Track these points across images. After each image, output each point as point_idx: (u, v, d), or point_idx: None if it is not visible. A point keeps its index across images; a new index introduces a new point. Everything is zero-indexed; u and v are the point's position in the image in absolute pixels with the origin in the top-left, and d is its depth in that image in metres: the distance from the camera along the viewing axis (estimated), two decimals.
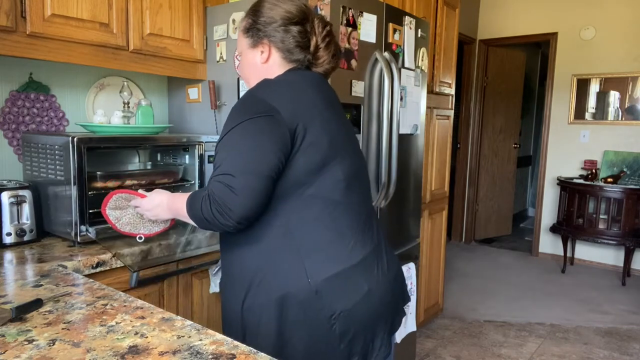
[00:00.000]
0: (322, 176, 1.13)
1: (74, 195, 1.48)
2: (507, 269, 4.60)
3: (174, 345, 0.85)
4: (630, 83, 4.49)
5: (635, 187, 4.14)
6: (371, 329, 1.16)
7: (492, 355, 2.86)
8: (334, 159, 1.15)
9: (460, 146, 5.43)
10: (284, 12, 1.21)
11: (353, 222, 1.17)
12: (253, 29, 1.23)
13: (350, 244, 1.14)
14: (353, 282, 1.12)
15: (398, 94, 2.12)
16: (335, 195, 1.14)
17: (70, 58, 1.59)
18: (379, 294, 1.17)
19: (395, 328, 1.28)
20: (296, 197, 1.11)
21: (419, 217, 2.61)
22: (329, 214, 1.13)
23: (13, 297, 1.07)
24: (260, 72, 1.23)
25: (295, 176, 1.10)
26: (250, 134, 1.08)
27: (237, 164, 1.06)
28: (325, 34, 1.24)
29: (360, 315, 1.12)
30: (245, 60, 1.27)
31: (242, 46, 1.27)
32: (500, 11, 5.14)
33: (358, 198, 1.21)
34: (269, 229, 1.11)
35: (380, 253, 1.23)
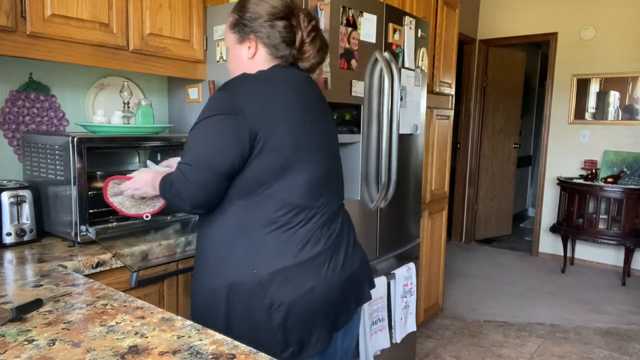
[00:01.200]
0: (282, 178, 1.17)
1: (74, 195, 1.49)
2: (507, 269, 4.60)
3: (174, 345, 0.85)
4: (630, 83, 4.49)
5: (635, 187, 4.14)
6: (309, 323, 1.21)
7: (492, 355, 2.86)
8: (298, 163, 1.19)
9: (460, 146, 5.43)
10: (270, 8, 1.23)
11: (309, 223, 1.21)
12: (239, 24, 1.26)
13: (301, 243, 1.19)
14: (297, 279, 1.18)
15: (398, 94, 2.12)
16: (292, 198, 1.19)
17: (70, 58, 1.59)
18: (323, 292, 1.21)
19: (339, 325, 1.31)
20: (254, 195, 1.17)
21: (419, 217, 2.61)
22: (284, 214, 1.18)
23: (13, 297, 1.07)
24: (246, 68, 1.26)
25: (254, 176, 1.16)
26: (212, 130, 1.15)
27: (196, 156, 1.16)
28: (311, 28, 1.25)
29: (299, 310, 1.18)
30: (232, 55, 1.31)
31: (229, 42, 1.30)
32: (500, 11, 5.14)
33: (321, 201, 1.24)
34: (227, 220, 1.19)
35: (336, 253, 1.26)
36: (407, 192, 2.43)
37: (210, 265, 1.23)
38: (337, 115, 1.90)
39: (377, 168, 2.14)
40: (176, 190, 1.17)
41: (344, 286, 1.27)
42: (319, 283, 1.20)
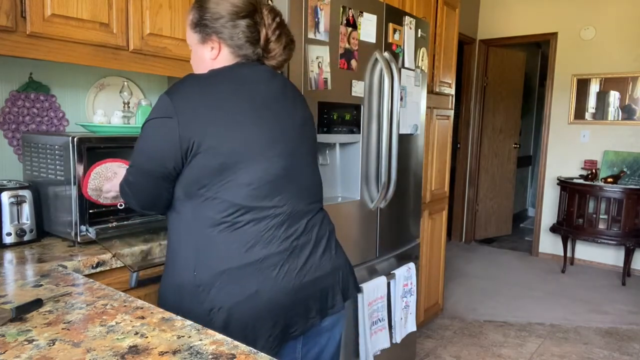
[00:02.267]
0: (223, 179, 1.12)
1: (74, 195, 1.48)
2: (507, 269, 4.60)
3: (174, 345, 0.85)
4: (630, 83, 4.49)
5: (635, 187, 4.14)
6: (253, 329, 1.13)
7: (492, 355, 2.86)
8: (240, 163, 1.13)
9: (460, 146, 5.43)
10: (230, 7, 1.18)
11: (259, 224, 1.15)
12: (200, 25, 1.21)
13: (247, 245, 1.13)
14: (240, 282, 1.13)
15: (398, 94, 2.12)
16: (237, 199, 1.13)
17: (70, 58, 1.59)
18: (271, 296, 1.14)
19: (291, 334, 1.21)
20: (197, 197, 1.14)
21: (419, 217, 2.61)
22: (228, 214, 1.13)
23: (13, 297, 1.07)
24: (209, 67, 1.23)
25: (193, 178, 1.13)
26: (147, 134, 1.17)
27: (135, 160, 1.19)
28: (276, 25, 1.21)
29: (240, 314, 1.12)
30: (195, 55, 1.27)
31: (191, 40, 1.26)
32: (500, 11, 5.14)
33: (276, 201, 1.17)
34: (177, 221, 1.20)
35: (293, 256, 1.19)
36: (407, 192, 2.43)
37: (166, 265, 1.25)
38: (337, 115, 1.90)
39: (377, 168, 2.14)
40: (124, 193, 1.23)
41: (301, 292, 1.19)
42: (265, 287, 1.13)
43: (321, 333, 1.31)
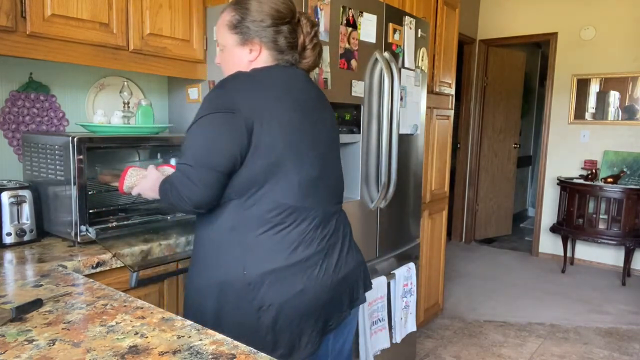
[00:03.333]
0: (275, 177, 1.17)
1: (74, 195, 1.48)
2: (507, 269, 4.60)
3: (174, 345, 0.85)
4: (630, 83, 4.49)
5: (635, 187, 4.14)
6: (299, 325, 1.20)
7: (492, 355, 2.86)
8: (291, 162, 1.18)
9: (460, 146, 5.43)
10: (274, 12, 1.21)
11: (302, 225, 1.20)
12: (242, 27, 1.22)
13: (292, 245, 1.19)
14: (287, 280, 1.18)
15: (398, 94, 2.12)
16: (285, 198, 1.18)
17: (70, 58, 1.59)
18: (314, 294, 1.21)
19: (330, 327, 1.29)
20: (248, 195, 1.16)
21: (419, 217, 2.61)
22: (276, 214, 1.18)
23: (13, 297, 1.07)
24: (245, 68, 1.24)
25: (249, 175, 1.15)
26: (211, 129, 1.14)
27: (196, 156, 1.15)
28: (313, 34, 1.26)
29: (288, 311, 1.17)
30: (230, 55, 1.27)
31: (227, 41, 1.26)
32: (500, 11, 5.14)
33: (314, 202, 1.23)
34: (222, 220, 1.19)
35: (329, 255, 1.25)
36: (407, 192, 2.44)
37: (203, 264, 1.24)
38: (337, 115, 1.90)
39: (377, 168, 2.14)
40: (177, 192, 1.16)
41: (336, 288, 1.26)
42: (309, 285, 1.20)
43: (346, 325, 1.40)
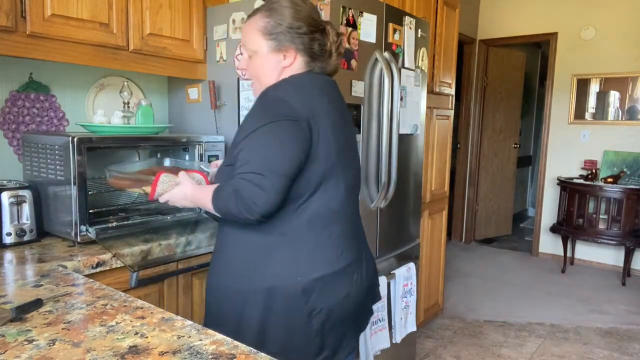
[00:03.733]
0: (327, 183, 1.20)
1: (74, 195, 1.49)
2: (507, 269, 4.60)
3: (174, 345, 0.85)
4: (630, 83, 4.49)
5: (635, 187, 4.14)
6: (342, 328, 1.26)
7: (492, 355, 2.86)
8: (339, 168, 1.22)
9: (460, 146, 5.43)
10: (311, 19, 1.23)
11: (345, 231, 1.26)
12: (278, 33, 1.21)
13: (339, 251, 1.23)
14: (335, 285, 1.22)
15: (398, 94, 2.12)
16: (333, 204, 1.22)
17: (70, 58, 1.59)
18: (355, 298, 1.27)
19: (363, 328, 1.41)
20: (301, 201, 1.18)
21: (419, 217, 2.61)
22: (326, 220, 1.21)
23: (13, 297, 1.07)
24: (278, 74, 1.24)
25: (305, 180, 1.17)
26: (278, 136, 1.13)
27: (268, 164, 1.12)
28: (339, 43, 1.29)
29: (335, 315, 1.22)
30: (263, 61, 1.24)
31: (260, 47, 1.23)
32: (500, 11, 5.14)
33: (352, 209, 1.30)
34: (271, 225, 1.18)
35: (361, 261, 1.31)
36: (407, 192, 2.43)
37: (246, 270, 1.21)
38: None
39: (377, 168, 2.14)
40: (244, 201, 1.10)
41: (367, 292, 1.34)
42: (352, 290, 1.25)
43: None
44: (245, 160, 1.13)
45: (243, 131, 1.17)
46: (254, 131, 1.13)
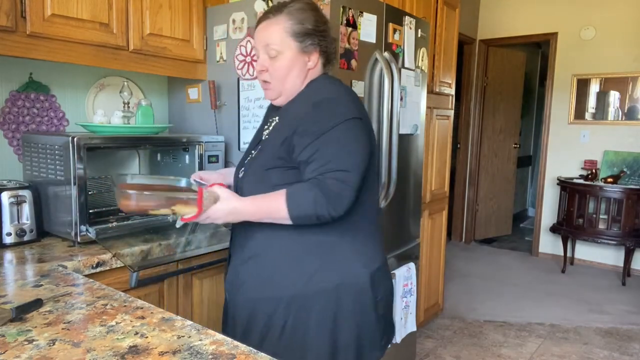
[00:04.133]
0: (369, 180, 1.26)
1: (74, 195, 1.49)
2: (507, 269, 4.60)
3: (174, 345, 0.85)
4: (630, 83, 4.49)
5: (635, 187, 4.14)
6: (391, 312, 1.38)
7: (492, 355, 2.86)
8: (374, 166, 1.30)
9: (460, 146, 5.43)
10: (328, 22, 1.28)
11: (379, 225, 1.35)
12: (305, 34, 1.22)
13: (381, 243, 1.34)
14: (387, 274, 1.34)
15: (398, 94, 2.12)
16: (376, 197, 1.33)
17: (70, 58, 1.60)
18: (392, 286, 1.39)
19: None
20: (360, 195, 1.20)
21: (419, 217, 2.61)
22: (374, 212, 1.30)
23: (13, 297, 1.07)
24: (304, 76, 1.26)
25: (365, 176, 1.21)
26: (353, 133, 1.17)
27: (349, 160, 1.15)
28: (335, 43, 1.34)
29: (389, 301, 1.34)
30: (290, 63, 1.23)
31: (287, 48, 1.22)
32: (500, 11, 5.14)
33: (377, 203, 1.44)
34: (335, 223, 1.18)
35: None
36: (407, 192, 2.43)
37: (312, 269, 1.19)
38: None
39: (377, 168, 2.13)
40: (333, 201, 1.11)
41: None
42: (390, 283, 1.36)
43: None
44: (327, 159, 1.13)
45: (308, 132, 1.15)
46: (329, 130, 1.14)
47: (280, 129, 1.24)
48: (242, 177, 1.29)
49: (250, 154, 1.32)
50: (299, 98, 1.26)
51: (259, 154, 1.26)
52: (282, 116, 1.28)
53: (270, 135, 1.27)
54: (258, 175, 1.23)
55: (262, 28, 1.25)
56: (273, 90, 1.28)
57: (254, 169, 1.26)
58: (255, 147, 1.31)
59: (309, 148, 1.15)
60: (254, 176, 1.24)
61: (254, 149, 1.32)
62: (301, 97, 1.26)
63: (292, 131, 1.18)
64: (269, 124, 1.32)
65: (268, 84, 1.27)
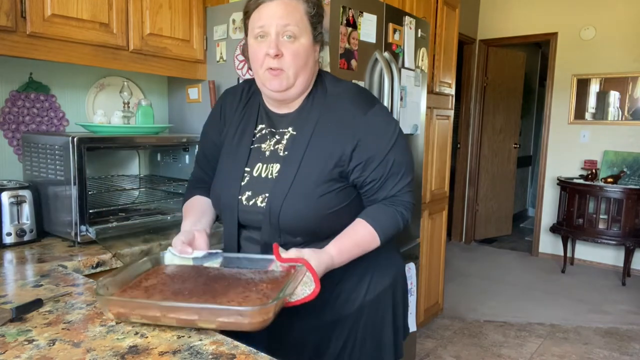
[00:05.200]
0: None
1: (74, 195, 1.49)
2: (507, 269, 4.60)
3: (174, 345, 0.85)
4: (630, 83, 4.49)
5: (635, 187, 4.14)
6: None
7: (492, 355, 2.86)
8: None
9: (460, 146, 5.43)
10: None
11: None
12: (316, 22, 1.09)
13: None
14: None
15: (398, 94, 2.12)
16: None
17: (70, 58, 1.59)
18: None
19: None
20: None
21: (419, 217, 2.61)
22: None
23: (13, 297, 1.07)
24: (314, 71, 1.12)
25: None
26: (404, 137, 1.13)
27: (411, 167, 1.14)
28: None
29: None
30: (307, 51, 1.07)
31: (307, 33, 1.06)
32: (500, 11, 5.14)
33: None
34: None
35: None
36: None
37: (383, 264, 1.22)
38: None
39: None
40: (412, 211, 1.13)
41: None
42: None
43: None
44: (400, 172, 1.09)
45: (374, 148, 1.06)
46: (396, 141, 1.09)
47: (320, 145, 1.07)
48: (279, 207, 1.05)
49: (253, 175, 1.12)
50: (321, 99, 1.11)
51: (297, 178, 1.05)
52: (305, 126, 1.09)
53: (293, 151, 1.08)
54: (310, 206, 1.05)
55: (276, 4, 1.04)
56: (286, 79, 1.06)
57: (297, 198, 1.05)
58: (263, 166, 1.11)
59: (380, 167, 1.07)
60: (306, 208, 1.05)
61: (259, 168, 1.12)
62: (325, 98, 1.11)
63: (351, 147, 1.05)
64: (273, 135, 1.14)
65: (280, 71, 1.05)
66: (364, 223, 1.06)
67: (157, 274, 0.98)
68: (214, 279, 0.95)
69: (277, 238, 1.07)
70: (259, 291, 0.89)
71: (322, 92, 1.12)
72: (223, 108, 1.24)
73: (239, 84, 1.29)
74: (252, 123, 1.17)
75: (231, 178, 1.13)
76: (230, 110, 1.22)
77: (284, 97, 1.10)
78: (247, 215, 1.11)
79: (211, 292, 0.89)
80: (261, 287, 0.90)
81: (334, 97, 1.11)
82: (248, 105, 1.20)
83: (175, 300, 0.87)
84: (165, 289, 0.91)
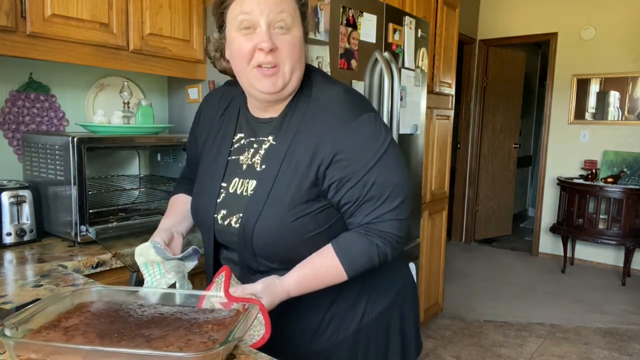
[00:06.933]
0: None
1: (74, 195, 1.49)
2: (507, 269, 4.60)
3: None
4: (630, 83, 4.49)
5: (635, 187, 4.14)
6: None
7: (492, 355, 2.86)
8: None
9: (460, 146, 5.43)
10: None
11: None
12: (306, 14, 0.96)
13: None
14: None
15: (398, 94, 2.12)
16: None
17: (70, 58, 1.59)
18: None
19: None
20: None
21: (419, 217, 2.61)
22: None
23: (13, 297, 1.07)
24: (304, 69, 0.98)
25: None
26: (397, 153, 0.95)
27: (407, 187, 0.96)
28: None
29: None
30: (301, 43, 0.94)
31: (296, 25, 0.93)
32: (500, 11, 5.14)
33: None
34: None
35: None
36: None
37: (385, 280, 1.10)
38: None
39: None
40: (397, 244, 0.95)
41: None
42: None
43: None
44: (382, 196, 0.91)
45: (352, 165, 0.90)
46: (381, 158, 0.91)
47: (296, 160, 0.93)
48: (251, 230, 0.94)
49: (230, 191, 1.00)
50: (303, 106, 0.96)
51: (270, 198, 0.93)
52: (284, 135, 0.95)
53: (269, 165, 0.96)
54: (284, 230, 0.93)
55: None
56: (282, 77, 0.92)
57: (270, 221, 0.93)
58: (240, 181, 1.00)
59: (355, 188, 0.90)
60: (279, 232, 0.93)
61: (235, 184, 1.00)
62: (307, 104, 0.96)
63: (326, 162, 0.91)
64: (251, 145, 1.01)
65: (275, 69, 0.91)
66: (331, 254, 0.92)
67: (80, 312, 0.82)
68: (150, 319, 0.79)
69: (253, 262, 0.97)
70: (203, 334, 0.75)
71: (305, 97, 0.97)
72: (202, 115, 1.16)
73: (219, 87, 1.19)
74: (231, 132, 1.05)
75: (207, 194, 1.03)
76: (209, 118, 1.12)
77: (277, 97, 0.95)
78: (223, 236, 1.02)
79: (146, 335, 0.74)
80: (206, 329, 0.77)
81: (317, 104, 0.95)
82: (227, 112, 1.09)
83: (100, 344, 0.71)
84: (89, 330, 0.75)
